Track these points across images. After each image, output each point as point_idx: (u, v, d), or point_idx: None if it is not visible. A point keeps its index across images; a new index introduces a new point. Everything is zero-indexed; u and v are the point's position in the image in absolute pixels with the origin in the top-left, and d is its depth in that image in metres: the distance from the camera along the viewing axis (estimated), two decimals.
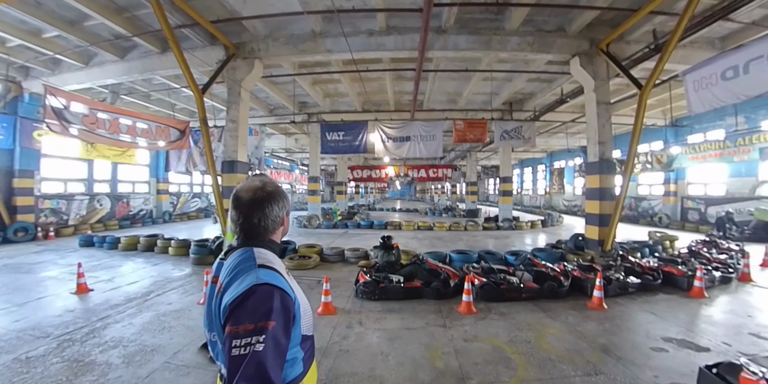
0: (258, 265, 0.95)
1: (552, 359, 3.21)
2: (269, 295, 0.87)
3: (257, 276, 0.90)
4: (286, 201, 1.11)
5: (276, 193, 1.07)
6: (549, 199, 26.23)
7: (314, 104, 13.08)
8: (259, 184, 1.06)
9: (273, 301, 0.87)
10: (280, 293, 0.89)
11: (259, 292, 0.87)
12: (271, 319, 0.84)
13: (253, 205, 1.03)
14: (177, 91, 10.96)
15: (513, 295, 4.90)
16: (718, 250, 7.41)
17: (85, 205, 12.46)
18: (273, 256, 1.04)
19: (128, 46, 8.19)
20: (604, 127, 7.23)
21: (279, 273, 0.95)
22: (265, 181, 1.08)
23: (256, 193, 1.04)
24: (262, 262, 0.96)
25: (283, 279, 0.95)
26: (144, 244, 8.32)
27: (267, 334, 0.81)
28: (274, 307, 0.86)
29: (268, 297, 0.87)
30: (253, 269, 0.93)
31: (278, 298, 0.88)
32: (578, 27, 6.90)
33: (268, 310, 0.85)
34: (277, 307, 0.86)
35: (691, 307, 4.76)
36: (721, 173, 12.90)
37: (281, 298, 0.89)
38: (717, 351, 3.42)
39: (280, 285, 0.91)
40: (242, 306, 0.85)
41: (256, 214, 1.03)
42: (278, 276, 0.94)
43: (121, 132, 6.46)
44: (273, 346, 0.82)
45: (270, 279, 0.90)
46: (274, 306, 0.86)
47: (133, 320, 4.01)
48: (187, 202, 18.42)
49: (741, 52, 4.68)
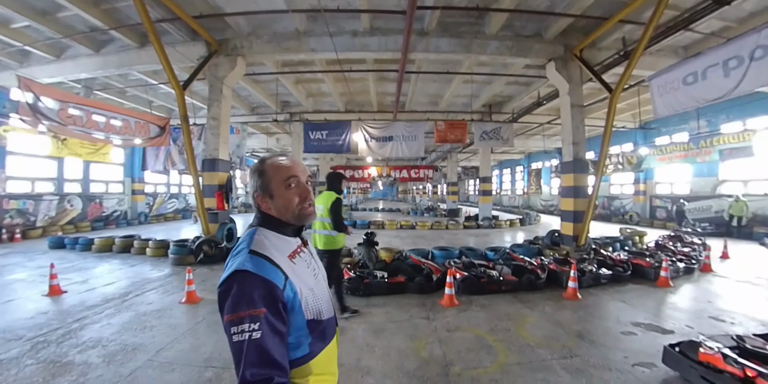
0: (249, 250, 0.94)
1: (530, 345, 3.37)
2: (252, 283, 0.87)
3: (242, 262, 0.90)
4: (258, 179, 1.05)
5: (260, 165, 1.07)
6: (527, 199, 27.01)
7: (297, 104, 13.01)
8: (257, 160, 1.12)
9: (255, 289, 0.86)
10: (262, 281, 0.88)
11: (240, 280, 0.87)
12: (259, 306, 0.84)
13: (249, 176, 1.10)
14: (155, 87, 10.66)
15: (493, 287, 5.08)
16: (682, 243, 7.92)
17: (54, 206, 11.87)
18: (275, 238, 1.03)
19: (104, 40, 7.91)
20: (577, 128, 7.59)
21: (269, 260, 0.93)
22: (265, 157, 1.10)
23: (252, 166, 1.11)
24: (255, 247, 0.96)
25: (270, 266, 0.92)
26: (120, 246, 8.02)
27: (260, 321, 0.83)
28: (257, 295, 0.85)
29: (250, 285, 0.87)
30: (242, 254, 0.94)
31: (261, 287, 0.87)
32: (554, 33, 7.23)
33: (254, 297, 0.85)
34: (261, 295, 0.86)
35: (657, 295, 5.09)
36: (686, 173, 13.75)
37: (264, 286, 0.87)
38: (680, 333, 3.69)
39: (262, 273, 0.89)
40: (228, 293, 0.86)
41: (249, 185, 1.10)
42: (264, 263, 0.92)
43: (99, 128, 6.22)
44: (269, 330, 0.83)
45: (252, 267, 0.89)
46: (257, 293, 0.86)
47: (111, 320, 3.90)
48: (163, 203, 17.83)
49: (700, 59, 5.06)
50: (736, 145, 10.67)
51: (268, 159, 1.08)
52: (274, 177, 1.04)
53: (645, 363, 3.05)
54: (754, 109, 10.64)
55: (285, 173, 1.05)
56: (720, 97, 4.84)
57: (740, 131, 10.91)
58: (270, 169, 1.05)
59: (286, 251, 1.02)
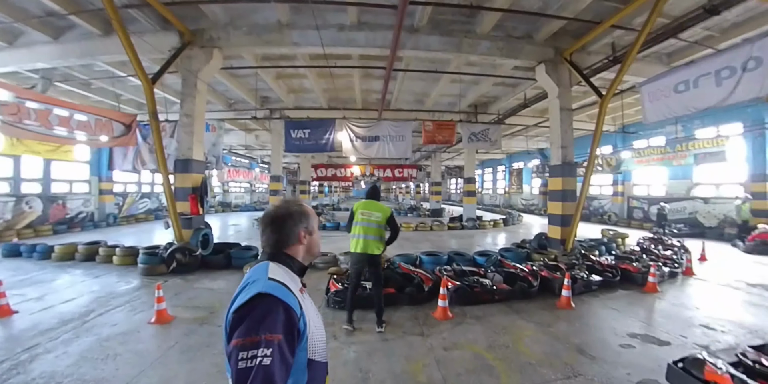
0: (268, 278, 0.96)
1: (532, 363, 3.21)
2: (274, 308, 0.87)
3: (264, 286, 0.91)
4: (305, 218, 1.16)
5: (294, 210, 1.15)
6: (508, 198, 27.42)
7: (277, 99, 12.47)
8: (282, 203, 1.19)
9: (278, 313, 0.86)
10: (284, 307, 0.88)
11: (263, 303, 0.87)
12: (277, 332, 0.83)
13: (271, 220, 1.13)
14: (123, 80, 9.86)
15: (486, 297, 4.93)
16: (663, 246, 8.08)
17: (10, 208, 10.83)
18: (286, 272, 1.06)
19: (64, 26, 7.14)
20: (566, 132, 7.56)
21: (288, 288, 0.95)
22: (290, 200, 1.20)
23: (277, 209, 1.16)
24: (273, 276, 0.97)
25: (290, 294, 0.94)
26: (83, 253, 7.31)
27: (273, 347, 0.80)
28: (278, 320, 0.85)
29: (272, 309, 0.87)
30: (261, 281, 0.94)
31: (282, 312, 0.87)
32: (545, 35, 7.14)
33: (273, 322, 0.84)
34: (281, 320, 0.86)
35: (647, 301, 5.10)
36: (662, 176, 14.24)
37: (285, 312, 0.88)
38: (676, 344, 3.66)
39: (286, 299, 0.90)
40: (247, 317, 0.84)
41: (274, 228, 1.12)
42: (285, 290, 0.93)
43: (53, 125, 5.56)
44: (279, 359, 0.81)
45: (276, 291, 0.90)
46: (278, 318, 0.85)
47: (68, 348, 3.40)
48: (134, 203, 16.76)
49: (692, 68, 5.07)
50: (709, 149, 11.06)
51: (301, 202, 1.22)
52: (315, 218, 1.22)
53: (648, 380, 2.96)
54: (727, 116, 11.07)
55: (317, 218, 1.25)
56: (711, 106, 4.86)
57: (714, 137, 11.34)
58: (310, 211, 1.20)
59: (297, 285, 1.05)
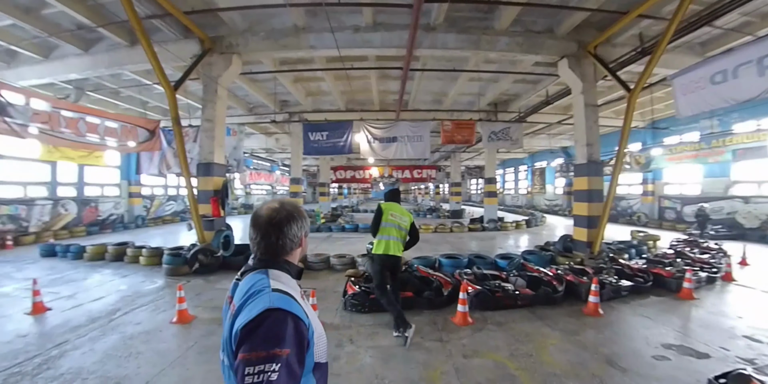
0: (272, 289, 0.93)
1: (557, 374, 3.04)
2: (283, 321, 0.85)
3: (271, 300, 0.88)
4: (305, 221, 1.11)
5: (295, 213, 1.08)
6: (530, 199, 26.67)
7: (296, 103, 12.63)
8: (278, 205, 1.09)
9: (287, 327, 0.84)
10: (293, 319, 0.87)
11: (272, 318, 0.85)
12: (285, 346, 0.81)
13: (270, 225, 1.04)
14: (149, 87, 10.28)
15: (508, 302, 4.75)
16: (699, 249, 7.56)
17: (48, 211, 11.52)
18: (288, 279, 1.03)
19: (93, 38, 7.53)
20: (591, 128, 7.22)
21: (293, 298, 0.93)
22: (284, 202, 1.11)
23: (275, 213, 1.06)
24: (277, 286, 0.94)
25: (296, 304, 0.92)
26: (112, 254, 7.68)
27: (281, 362, 0.79)
28: (288, 334, 0.83)
29: (281, 323, 0.85)
30: (266, 293, 0.91)
31: (292, 325, 0.86)
32: (567, 29, 6.85)
33: (282, 336, 0.82)
34: (291, 334, 0.84)
35: (682, 309, 4.75)
36: (696, 173, 13.37)
37: (295, 324, 0.86)
38: (716, 357, 3.37)
39: (294, 311, 0.88)
40: (255, 332, 0.83)
41: (274, 233, 1.04)
42: (292, 301, 0.91)
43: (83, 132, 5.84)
44: (287, 373, 0.79)
45: (283, 304, 0.88)
46: (288, 332, 0.84)
47: (95, 346, 3.54)
48: (161, 206, 17.48)
49: (730, 57, 4.70)
50: (749, 144, 10.31)
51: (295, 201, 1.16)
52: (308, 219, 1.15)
53: None
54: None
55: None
56: (753, 98, 4.48)
57: (754, 131, 10.55)
58: (305, 213, 1.13)
59: (298, 291, 1.02)
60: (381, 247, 3.78)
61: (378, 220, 3.84)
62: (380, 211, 3.86)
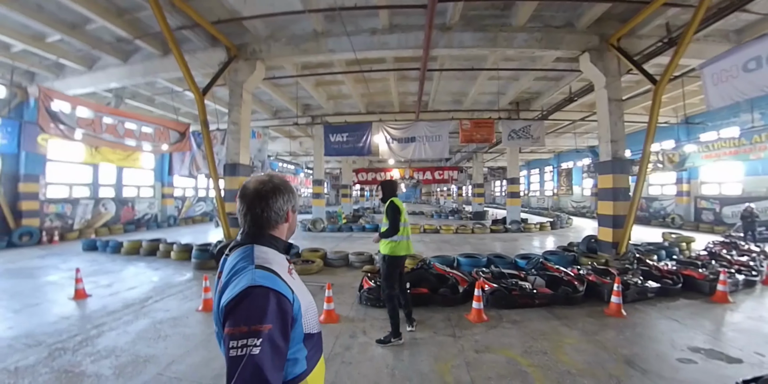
0: (255, 266, 0.94)
1: (572, 373, 2.97)
2: (264, 298, 0.86)
3: (253, 278, 0.89)
4: (292, 196, 1.11)
5: (281, 187, 1.08)
6: (557, 201, 25.81)
7: (318, 106, 12.98)
8: (266, 178, 1.09)
9: (268, 304, 0.85)
10: (276, 296, 0.88)
11: (253, 295, 0.86)
12: (267, 322, 0.83)
13: (256, 197, 1.05)
14: (180, 94, 10.92)
15: (525, 301, 4.66)
16: (738, 251, 7.08)
17: (90, 210, 12.46)
18: (275, 254, 1.04)
19: (130, 50, 8.15)
20: (616, 124, 6.97)
21: (276, 274, 0.94)
22: (272, 175, 1.11)
23: (262, 185, 1.07)
24: (260, 263, 0.95)
25: (280, 280, 0.92)
26: (146, 249, 8.23)
27: (263, 337, 0.81)
28: (270, 310, 0.85)
29: (263, 299, 0.86)
30: (249, 270, 0.92)
31: (274, 301, 0.86)
32: (587, 22, 6.68)
33: (263, 313, 0.84)
34: (273, 310, 0.85)
35: (715, 313, 4.49)
36: (737, 172, 12.47)
37: (277, 300, 0.87)
38: (750, 362, 3.16)
39: (276, 287, 0.89)
40: (237, 308, 0.84)
41: (259, 205, 1.05)
42: (275, 278, 0.92)
43: (119, 135, 6.34)
44: (270, 348, 0.81)
45: (265, 281, 0.89)
46: (270, 309, 0.85)
47: (128, 328, 3.85)
48: (192, 206, 18.40)
49: (764, 42, 4.43)
50: None
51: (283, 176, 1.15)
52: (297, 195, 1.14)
53: None
54: None
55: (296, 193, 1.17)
56: None
57: None
58: (293, 188, 1.13)
59: (285, 266, 1.03)
60: (403, 248, 3.61)
61: (397, 220, 3.57)
62: (398, 209, 3.62)
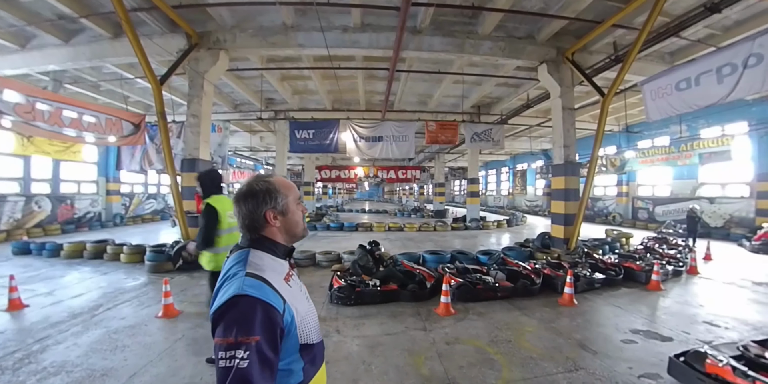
0: (246, 273, 0.90)
1: (533, 357, 3.24)
2: (251, 308, 0.83)
3: (241, 286, 0.86)
4: (270, 197, 1.03)
5: (255, 190, 1.03)
6: (512, 200, 27.33)
7: (282, 101, 12.61)
8: (247, 180, 1.07)
9: (255, 314, 0.82)
10: (263, 306, 0.84)
11: (239, 305, 0.83)
12: (254, 333, 0.80)
13: (234, 200, 1.05)
14: (131, 82, 10.06)
15: (489, 294, 4.96)
16: (668, 245, 8.04)
17: (20, 208, 11.03)
18: (271, 260, 1.00)
19: (74, 29, 7.33)
20: (568, 131, 7.57)
21: (267, 282, 0.90)
22: (257, 178, 1.07)
23: (241, 188, 1.06)
24: (252, 270, 0.92)
25: (269, 289, 0.89)
26: (91, 251, 7.45)
27: (250, 349, 0.78)
28: (256, 321, 0.82)
29: (249, 310, 0.83)
30: (239, 277, 0.89)
31: (260, 312, 0.83)
32: (546, 35, 7.18)
33: (250, 324, 0.81)
34: (260, 321, 0.82)
35: (650, 299, 5.09)
36: (667, 176, 14.12)
37: (264, 311, 0.84)
38: (679, 340, 3.66)
39: (263, 297, 0.85)
40: (223, 318, 0.83)
41: (237, 209, 1.04)
42: (264, 287, 0.88)
43: (65, 125, 5.69)
44: (258, 360, 0.79)
45: (253, 290, 0.86)
46: (256, 320, 0.82)
47: (78, 340, 3.49)
48: (141, 204, 16.98)
49: (693, 66, 5.09)
50: (715, 149, 11.00)
51: (270, 177, 1.07)
52: (287, 194, 1.06)
53: (650, 374, 2.97)
54: (732, 115, 11.00)
55: (295, 191, 1.09)
56: (713, 103, 4.87)
57: (719, 136, 11.26)
58: (280, 187, 1.06)
59: (282, 273, 1.00)
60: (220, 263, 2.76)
61: (211, 228, 2.79)
62: (214, 213, 2.78)
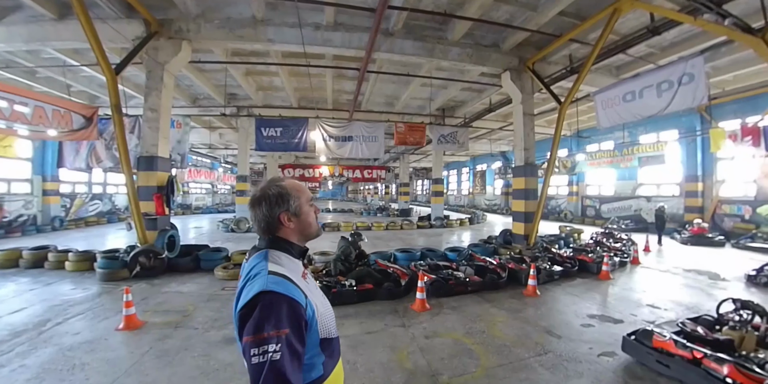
0: (269, 272, 0.95)
1: (507, 345, 3.48)
2: (277, 303, 0.88)
3: (266, 283, 0.91)
4: (283, 200, 1.09)
5: (268, 194, 1.09)
6: (472, 199, 28.50)
7: (245, 97, 12.13)
8: (262, 184, 1.13)
9: (281, 309, 0.88)
10: (288, 301, 0.90)
11: (266, 300, 0.88)
12: (283, 327, 0.85)
13: (250, 205, 1.11)
14: (74, 69, 9.11)
15: (460, 289, 5.20)
16: (614, 239, 8.90)
17: None
18: (289, 260, 1.06)
19: (9, 6, 6.44)
20: (528, 135, 8.12)
21: (289, 279, 0.96)
22: (271, 180, 1.15)
23: (255, 193, 1.12)
24: (273, 269, 0.97)
25: (292, 285, 0.94)
26: (29, 260, 6.62)
27: (281, 342, 0.83)
28: (283, 316, 0.87)
29: (276, 305, 0.88)
30: (262, 276, 0.94)
31: (285, 306, 0.89)
32: (510, 45, 7.64)
33: (279, 318, 0.86)
34: (286, 315, 0.87)
35: (602, 287, 5.65)
36: (611, 177, 15.68)
37: (288, 305, 0.89)
38: (628, 321, 4.14)
39: (289, 293, 0.91)
40: (251, 315, 0.87)
41: (253, 212, 1.10)
42: (287, 283, 0.94)
43: (4, 115, 5.01)
44: (289, 352, 0.84)
45: (277, 287, 0.91)
46: (283, 314, 0.87)
47: (25, 361, 3.09)
48: (84, 205, 15.34)
49: (638, 81, 5.74)
50: (651, 153, 12.32)
51: (282, 181, 1.14)
52: (299, 196, 1.12)
53: (608, 352, 3.35)
54: (666, 123, 12.48)
55: (306, 193, 1.16)
56: (653, 114, 5.53)
57: (655, 142, 12.66)
58: (292, 190, 1.11)
59: (298, 272, 1.05)
60: None
61: None
62: None
